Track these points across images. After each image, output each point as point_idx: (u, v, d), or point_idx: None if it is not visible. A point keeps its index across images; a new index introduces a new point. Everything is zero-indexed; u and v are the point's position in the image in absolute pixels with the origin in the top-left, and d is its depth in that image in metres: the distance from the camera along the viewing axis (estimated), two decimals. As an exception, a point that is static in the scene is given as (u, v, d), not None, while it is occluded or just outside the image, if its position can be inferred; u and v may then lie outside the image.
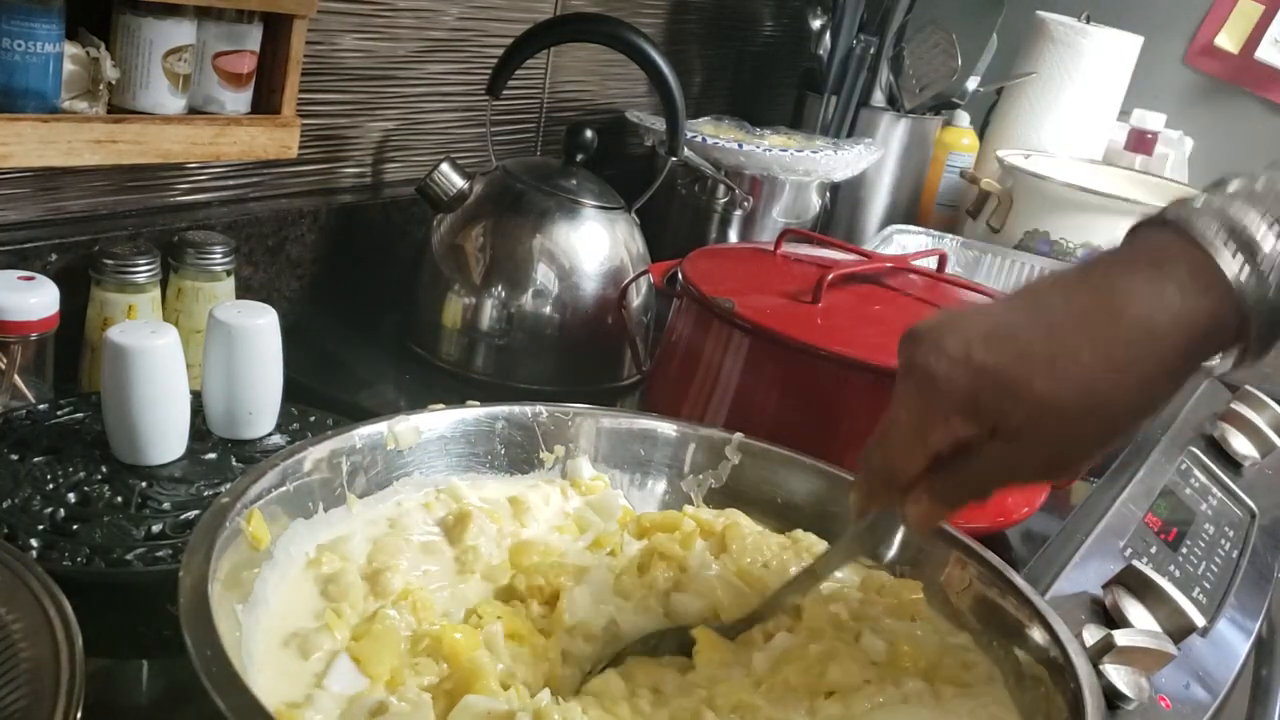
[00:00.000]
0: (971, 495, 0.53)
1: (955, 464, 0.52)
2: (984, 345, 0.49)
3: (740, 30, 1.70)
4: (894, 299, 0.92)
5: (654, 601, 0.61)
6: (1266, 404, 1.24)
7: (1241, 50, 1.82)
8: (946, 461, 0.52)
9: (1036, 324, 0.49)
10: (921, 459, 0.52)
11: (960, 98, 1.62)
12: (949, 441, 0.51)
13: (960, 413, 0.50)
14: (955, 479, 0.52)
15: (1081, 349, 0.48)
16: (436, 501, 0.64)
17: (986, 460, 0.51)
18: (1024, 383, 0.48)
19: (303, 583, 0.56)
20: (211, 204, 0.99)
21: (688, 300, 0.89)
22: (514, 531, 0.64)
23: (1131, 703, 0.69)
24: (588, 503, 0.69)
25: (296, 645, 0.51)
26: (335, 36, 1.04)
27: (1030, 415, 0.49)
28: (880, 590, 0.63)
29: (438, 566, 0.60)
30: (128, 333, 0.70)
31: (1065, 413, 0.48)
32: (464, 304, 1.00)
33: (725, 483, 0.72)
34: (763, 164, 1.31)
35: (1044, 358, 0.48)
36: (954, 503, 0.53)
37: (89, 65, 0.79)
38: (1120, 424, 0.50)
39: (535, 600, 0.58)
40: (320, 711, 0.48)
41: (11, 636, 0.49)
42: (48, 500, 0.66)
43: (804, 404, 0.81)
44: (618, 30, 1.02)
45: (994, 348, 0.49)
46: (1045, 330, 0.49)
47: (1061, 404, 0.48)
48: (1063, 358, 0.48)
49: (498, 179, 1.02)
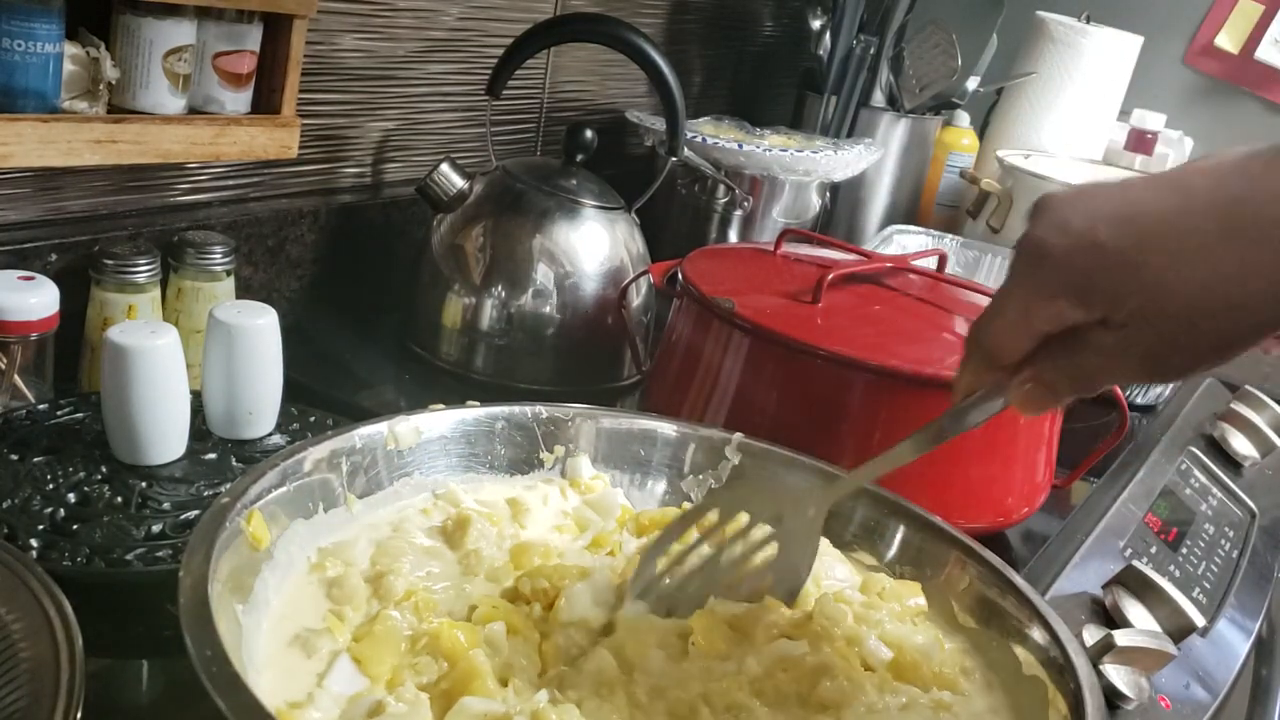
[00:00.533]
0: (1077, 387, 0.50)
1: (1065, 347, 0.49)
2: (1110, 223, 0.46)
3: (740, 30, 1.70)
4: (894, 299, 0.92)
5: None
6: (1266, 404, 1.24)
7: (1241, 50, 1.82)
8: (1057, 346, 0.49)
9: (1173, 207, 0.45)
10: (1027, 340, 0.49)
11: (960, 98, 1.62)
12: (1057, 324, 0.48)
13: (1071, 293, 0.47)
14: (1060, 366, 0.49)
15: (1218, 243, 0.44)
16: (434, 507, 0.64)
17: (1094, 349, 0.48)
18: (1145, 268, 0.45)
19: (307, 586, 0.56)
20: (211, 204, 0.99)
21: (688, 300, 0.89)
22: (514, 534, 0.64)
23: (1131, 703, 0.69)
24: (586, 501, 0.69)
25: (299, 646, 0.51)
26: (335, 36, 1.04)
27: (1144, 305, 0.45)
28: (881, 594, 0.63)
29: (440, 568, 0.60)
30: (128, 333, 0.70)
31: (1183, 308, 0.45)
32: (464, 304, 1.00)
33: (725, 483, 0.72)
34: (763, 164, 1.31)
35: (1173, 244, 0.45)
36: (1060, 392, 0.50)
37: (89, 65, 0.79)
38: (1241, 332, 0.46)
39: (539, 604, 0.58)
40: (320, 710, 0.48)
41: (11, 636, 0.49)
42: (48, 500, 0.66)
43: (804, 404, 0.81)
44: (618, 30, 1.03)
45: (1119, 227, 0.46)
46: (1180, 215, 0.45)
47: (1181, 297, 0.45)
48: (1194, 248, 0.44)
49: (498, 179, 1.02)
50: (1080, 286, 0.47)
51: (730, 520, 0.61)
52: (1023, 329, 0.49)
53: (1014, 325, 0.50)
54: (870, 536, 0.68)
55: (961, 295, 0.95)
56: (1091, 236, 0.46)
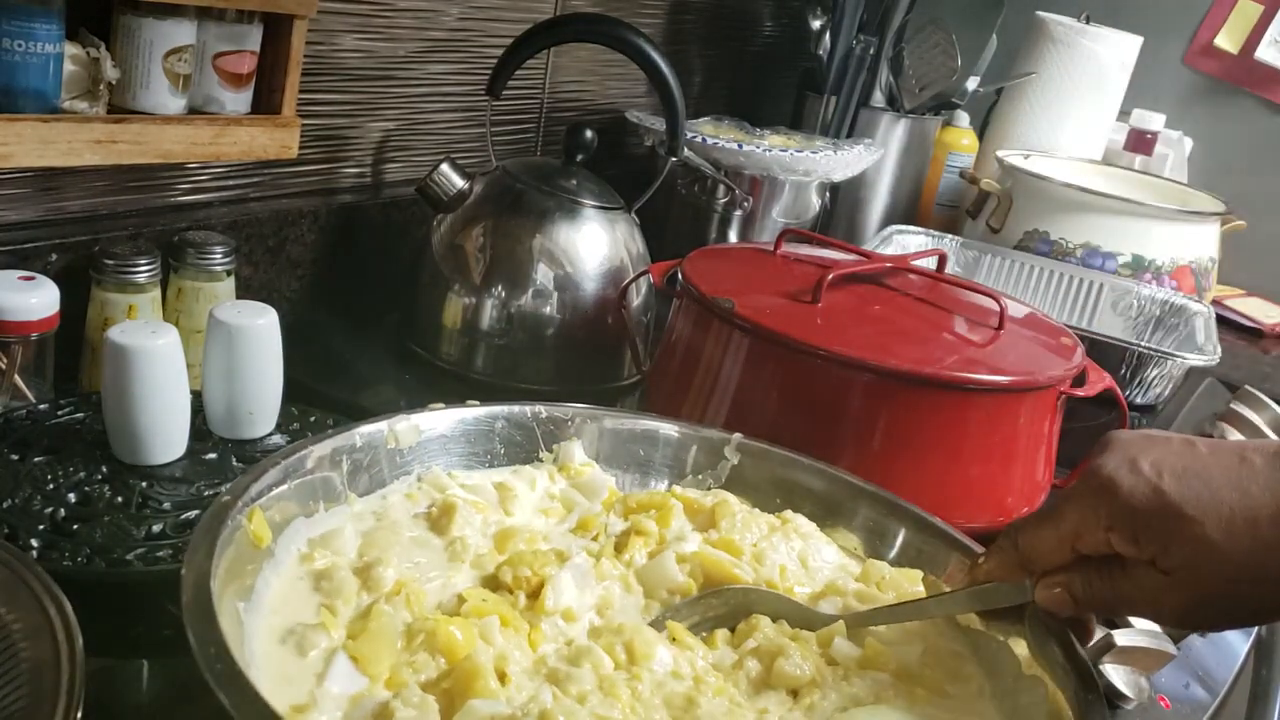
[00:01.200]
0: (1104, 608, 0.54)
1: (1102, 571, 0.53)
2: (1174, 476, 0.50)
3: (740, 30, 1.70)
4: (894, 299, 0.92)
5: (634, 580, 0.62)
6: (1266, 404, 1.24)
7: (1241, 50, 1.82)
8: (1095, 567, 0.53)
9: (1233, 479, 0.50)
10: (1067, 556, 0.54)
11: (960, 98, 1.62)
12: (1101, 551, 0.52)
13: (1125, 529, 0.51)
14: (1094, 586, 0.53)
15: (1269, 522, 0.48)
16: (419, 492, 0.64)
17: (1134, 583, 0.52)
18: (1198, 526, 0.49)
19: (296, 579, 0.56)
20: (212, 204, 0.99)
21: (688, 300, 0.89)
22: (499, 520, 0.64)
23: (1131, 703, 0.69)
24: (573, 484, 0.69)
25: (294, 643, 0.51)
26: (335, 36, 1.04)
27: (1190, 559, 0.49)
28: (880, 584, 0.63)
29: (426, 558, 0.60)
30: (128, 333, 0.70)
31: (1228, 571, 0.49)
32: (464, 304, 1.00)
33: (725, 483, 0.72)
34: (763, 164, 1.31)
35: (1227, 511, 0.49)
36: (1087, 605, 0.54)
37: (89, 65, 0.79)
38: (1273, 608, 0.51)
39: (522, 591, 0.58)
40: (325, 713, 0.48)
41: (11, 636, 0.49)
42: (48, 500, 0.66)
43: (804, 404, 0.81)
44: (618, 30, 1.03)
45: (1182, 481, 0.50)
46: (1239, 487, 0.49)
47: (1226, 561, 0.49)
48: (1246, 520, 0.49)
49: (498, 179, 1.02)
50: (1135, 526, 0.51)
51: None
52: (1067, 545, 0.53)
53: (1060, 539, 0.53)
54: (871, 536, 0.68)
55: (961, 295, 0.95)
56: (1155, 483, 0.50)
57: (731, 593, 0.61)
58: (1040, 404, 0.84)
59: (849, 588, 0.63)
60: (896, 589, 0.63)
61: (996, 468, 0.83)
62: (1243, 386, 1.29)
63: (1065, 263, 1.43)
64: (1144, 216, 1.43)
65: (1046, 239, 1.45)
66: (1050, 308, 1.41)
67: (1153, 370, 1.20)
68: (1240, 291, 1.78)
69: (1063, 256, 1.44)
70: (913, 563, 0.66)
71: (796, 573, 0.64)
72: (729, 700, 0.54)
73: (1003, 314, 0.89)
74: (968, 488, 0.82)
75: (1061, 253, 1.44)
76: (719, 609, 0.61)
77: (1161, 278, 1.42)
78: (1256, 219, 1.62)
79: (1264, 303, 1.75)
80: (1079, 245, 1.43)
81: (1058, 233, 1.44)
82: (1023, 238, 1.47)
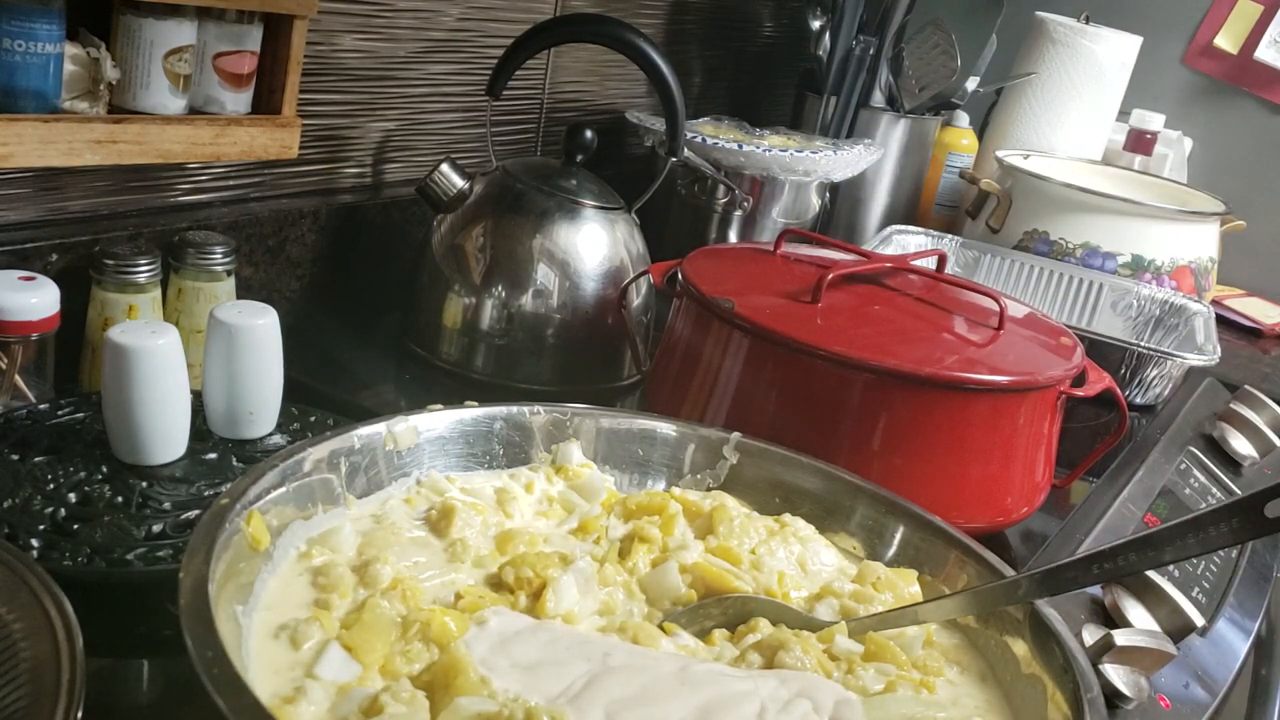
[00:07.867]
0: None
1: None
2: None
3: (740, 30, 1.70)
4: (893, 299, 0.92)
5: (637, 588, 0.61)
6: (1266, 404, 1.24)
7: (1240, 50, 1.82)
8: None
9: None
10: None
11: (960, 98, 1.62)
12: None
13: None
14: None
15: None
16: (418, 496, 0.64)
17: None
18: None
19: (293, 576, 0.56)
20: (212, 204, 0.99)
21: (688, 300, 0.89)
22: (499, 522, 0.64)
23: (1131, 703, 0.69)
24: (572, 485, 0.69)
25: (287, 637, 0.51)
26: (335, 36, 1.04)
27: None
28: (876, 584, 0.63)
29: (426, 557, 0.60)
30: (128, 333, 0.70)
31: None
32: (464, 304, 1.00)
33: (724, 482, 0.72)
34: (762, 164, 1.31)
35: None
36: None
37: (89, 65, 0.79)
38: None
39: (524, 593, 0.58)
40: (312, 703, 0.48)
41: (12, 636, 0.49)
42: (48, 500, 0.66)
43: (804, 404, 0.81)
44: (618, 30, 1.03)
45: None
46: None
47: None
48: None
49: (498, 179, 1.02)
50: None
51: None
52: None
53: None
54: (869, 535, 0.68)
55: (961, 295, 0.95)
56: None
57: (731, 601, 0.61)
58: (1040, 404, 0.84)
59: (845, 589, 0.63)
60: (892, 589, 0.63)
61: (996, 468, 0.83)
62: (1242, 386, 1.29)
63: (1065, 263, 1.43)
64: (1143, 216, 1.43)
65: (1046, 239, 1.45)
66: (1050, 308, 1.41)
67: (1152, 370, 1.20)
68: (1240, 291, 1.78)
69: (1062, 256, 1.44)
70: (911, 562, 0.66)
71: (795, 577, 0.64)
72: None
73: (1002, 314, 0.89)
74: (967, 488, 0.82)
75: (1061, 253, 1.44)
76: (718, 618, 0.61)
77: (1161, 278, 1.42)
78: (1256, 219, 1.62)
79: (1264, 303, 1.75)
80: (1079, 245, 1.43)
81: (1057, 233, 1.45)
82: (1022, 238, 1.47)
